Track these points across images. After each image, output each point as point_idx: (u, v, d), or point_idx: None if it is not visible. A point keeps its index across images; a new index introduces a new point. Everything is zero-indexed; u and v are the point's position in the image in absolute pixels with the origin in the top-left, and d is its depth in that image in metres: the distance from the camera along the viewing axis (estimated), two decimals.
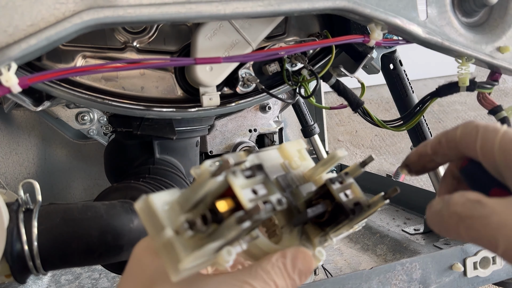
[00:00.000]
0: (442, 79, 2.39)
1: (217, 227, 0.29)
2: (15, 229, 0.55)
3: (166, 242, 0.29)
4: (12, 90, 0.48)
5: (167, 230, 0.29)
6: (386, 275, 0.75)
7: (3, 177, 1.30)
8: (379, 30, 0.63)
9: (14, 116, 1.31)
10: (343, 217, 0.35)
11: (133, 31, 0.71)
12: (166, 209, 0.30)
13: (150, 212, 0.30)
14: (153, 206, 0.30)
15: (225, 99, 0.76)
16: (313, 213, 0.34)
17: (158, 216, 0.30)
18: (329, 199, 0.36)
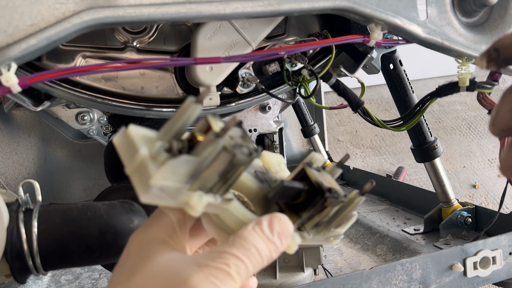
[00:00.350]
0: (442, 79, 2.39)
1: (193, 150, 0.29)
2: (15, 229, 0.55)
3: (139, 163, 0.27)
4: (12, 90, 0.48)
5: (142, 149, 0.27)
6: (386, 275, 0.75)
7: (3, 177, 1.30)
8: (379, 30, 0.63)
9: (14, 116, 1.31)
10: (319, 197, 0.34)
11: (133, 31, 0.71)
12: (143, 138, 0.29)
13: (128, 142, 0.29)
14: (130, 135, 0.28)
15: (225, 99, 0.76)
16: (289, 184, 0.34)
17: (135, 142, 0.28)
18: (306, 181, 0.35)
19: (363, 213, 1.25)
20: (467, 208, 1.03)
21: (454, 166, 2.42)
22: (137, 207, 0.69)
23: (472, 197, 2.21)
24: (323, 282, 0.71)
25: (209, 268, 0.28)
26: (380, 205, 1.32)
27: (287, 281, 0.87)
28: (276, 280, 0.86)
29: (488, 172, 2.41)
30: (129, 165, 0.28)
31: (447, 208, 1.04)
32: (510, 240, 0.84)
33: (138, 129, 0.29)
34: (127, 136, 0.29)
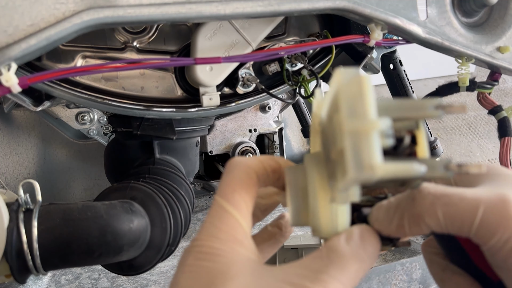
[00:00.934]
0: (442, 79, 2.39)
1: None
2: (15, 229, 0.55)
3: (364, 133, 0.23)
4: (12, 90, 0.48)
5: (373, 117, 0.23)
6: (386, 275, 0.75)
7: (3, 177, 1.30)
8: (379, 30, 0.63)
9: (14, 116, 1.31)
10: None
11: (133, 31, 0.71)
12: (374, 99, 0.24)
13: (356, 91, 0.24)
14: (365, 86, 0.24)
15: (225, 99, 0.76)
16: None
17: (366, 99, 0.24)
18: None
19: None
20: None
21: None
22: (137, 207, 0.69)
23: None
24: None
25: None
26: None
27: None
28: None
29: None
30: (349, 121, 0.24)
31: None
32: None
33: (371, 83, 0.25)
34: (359, 84, 0.24)
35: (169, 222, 0.72)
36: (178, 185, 0.80)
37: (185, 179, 0.85)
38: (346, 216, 0.31)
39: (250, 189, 0.31)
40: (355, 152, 0.24)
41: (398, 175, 0.24)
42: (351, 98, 0.24)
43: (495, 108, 0.76)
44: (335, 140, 0.27)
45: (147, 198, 0.71)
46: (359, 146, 0.24)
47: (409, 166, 0.24)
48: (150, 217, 0.70)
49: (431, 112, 0.26)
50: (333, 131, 0.28)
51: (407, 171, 0.24)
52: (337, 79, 0.26)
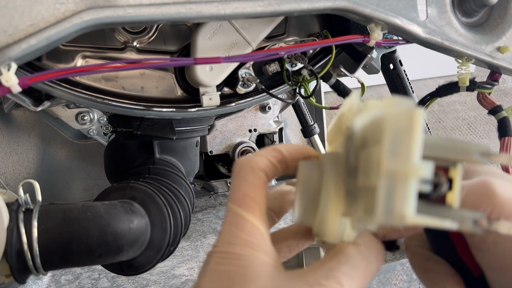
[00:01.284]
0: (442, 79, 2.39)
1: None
2: (15, 229, 0.55)
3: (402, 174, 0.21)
4: (12, 90, 0.48)
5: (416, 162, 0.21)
6: (386, 275, 0.75)
7: (3, 177, 1.30)
8: (379, 30, 0.63)
9: (14, 116, 1.31)
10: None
11: (133, 31, 0.71)
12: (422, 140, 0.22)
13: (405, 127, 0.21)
14: (416, 124, 0.21)
15: (225, 99, 0.76)
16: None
17: (414, 140, 0.21)
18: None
19: None
20: None
21: None
22: (137, 207, 0.69)
23: None
24: None
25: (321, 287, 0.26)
26: None
27: None
28: None
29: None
30: (389, 161, 0.22)
31: None
32: None
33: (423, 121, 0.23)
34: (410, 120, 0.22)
35: (169, 222, 0.72)
36: (178, 185, 0.80)
37: (185, 179, 0.85)
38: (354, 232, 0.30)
39: (260, 189, 0.31)
40: (387, 197, 0.22)
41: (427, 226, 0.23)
42: (398, 134, 0.22)
43: (495, 108, 0.76)
44: (368, 171, 0.25)
45: (147, 198, 0.71)
46: (393, 191, 0.22)
47: (441, 222, 0.23)
48: (150, 217, 0.70)
49: (475, 159, 0.25)
50: (367, 157, 0.26)
51: (437, 226, 0.23)
52: (388, 105, 0.24)
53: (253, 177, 0.31)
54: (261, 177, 0.31)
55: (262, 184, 0.31)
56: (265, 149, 0.33)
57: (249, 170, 0.31)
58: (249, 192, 0.31)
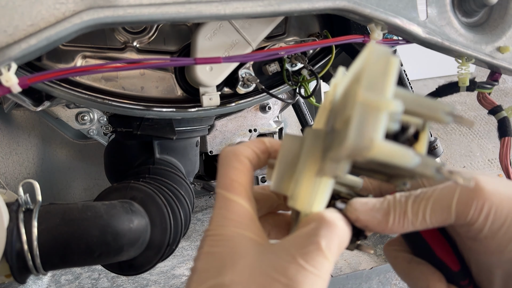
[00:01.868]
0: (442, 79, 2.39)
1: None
2: (15, 229, 0.55)
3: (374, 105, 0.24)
4: (12, 90, 0.48)
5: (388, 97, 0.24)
6: (386, 275, 0.75)
7: (3, 177, 1.30)
8: (379, 30, 0.63)
9: (14, 116, 1.31)
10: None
11: (133, 31, 0.71)
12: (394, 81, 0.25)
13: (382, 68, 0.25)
14: (391, 66, 0.25)
15: (225, 99, 0.76)
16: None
17: (389, 78, 0.24)
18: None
19: None
20: None
21: (454, 166, 2.42)
22: (137, 207, 0.69)
23: None
24: None
25: (303, 256, 0.28)
26: None
27: None
28: None
29: (488, 172, 2.41)
30: (366, 94, 0.24)
31: None
32: None
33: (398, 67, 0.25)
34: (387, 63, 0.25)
35: (169, 222, 0.72)
36: (178, 185, 0.80)
37: (185, 179, 0.85)
38: (325, 196, 0.31)
39: (245, 174, 0.33)
40: (360, 123, 0.24)
41: (392, 159, 0.25)
42: (375, 73, 0.25)
43: (495, 108, 0.76)
44: (345, 109, 0.27)
45: (147, 198, 0.71)
46: (366, 118, 0.24)
47: (406, 152, 0.25)
48: (150, 217, 0.70)
49: (441, 116, 0.27)
50: (346, 102, 0.28)
51: (402, 157, 0.25)
52: (367, 53, 0.26)
53: (238, 164, 0.33)
54: (245, 163, 0.33)
55: (247, 170, 0.33)
56: (249, 141, 0.35)
57: (234, 158, 0.33)
58: (235, 177, 0.33)
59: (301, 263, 0.28)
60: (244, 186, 0.33)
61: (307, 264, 0.28)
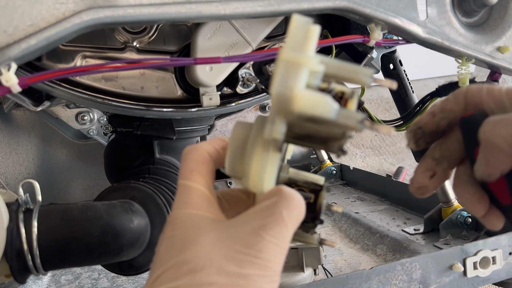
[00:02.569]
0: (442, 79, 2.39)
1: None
2: (15, 229, 0.55)
3: (296, 64, 0.27)
4: (12, 90, 0.48)
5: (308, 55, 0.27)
6: (386, 275, 0.75)
7: (3, 177, 1.30)
8: (379, 30, 0.63)
9: (14, 116, 1.31)
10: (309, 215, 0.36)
11: (133, 31, 0.71)
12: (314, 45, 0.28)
13: (304, 34, 0.28)
14: (311, 33, 0.28)
15: (225, 99, 0.76)
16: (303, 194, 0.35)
17: (309, 41, 0.28)
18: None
19: (363, 213, 1.25)
20: None
21: None
22: (137, 207, 0.69)
23: None
24: (323, 282, 0.71)
25: (264, 227, 0.29)
26: (380, 205, 1.32)
27: (287, 281, 0.87)
28: None
29: None
30: (288, 52, 0.27)
31: (447, 208, 1.04)
32: (510, 240, 0.84)
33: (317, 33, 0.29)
34: (307, 30, 0.28)
35: None
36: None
37: None
38: (274, 170, 0.33)
39: (204, 164, 0.35)
40: (283, 76, 0.27)
41: (314, 109, 0.27)
42: (297, 38, 0.28)
43: None
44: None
45: (147, 198, 0.71)
46: (288, 72, 0.27)
47: (324, 98, 0.27)
48: (150, 217, 0.70)
49: (362, 78, 0.30)
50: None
51: (321, 105, 0.27)
52: (291, 23, 0.29)
53: (197, 156, 0.35)
54: (204, 155, 0.35)
55: (206, 161, 0.35)
56: (212, 138, 0.37)
57: (194, 151, 0.35)
58: (194, 166, 0.35)
59: (261, 234, 0.29)
60: (202, 174, 0.34)
61: (267, 234, 0.29)
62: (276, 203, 0.31)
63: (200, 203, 0.33)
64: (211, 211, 0.33)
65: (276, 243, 0.29)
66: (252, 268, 0.28)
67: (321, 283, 0.71)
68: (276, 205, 0.31)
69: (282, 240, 0.30)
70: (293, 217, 0.31)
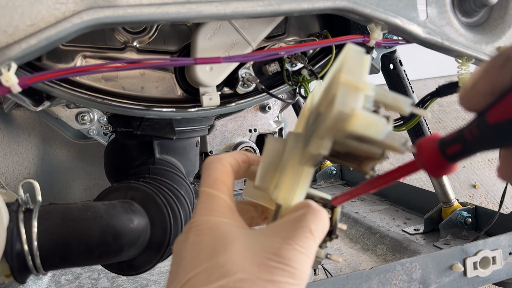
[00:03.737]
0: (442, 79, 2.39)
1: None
2: (15, 229, 0.55)
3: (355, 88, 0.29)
4: (12, 90, 0.48)
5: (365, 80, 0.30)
6: (386, 275, 0.75)
7: (3, 177, 1.30)
8: (379, 30, 0.63)
9: (14, 116, 1.31)
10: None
11: (133, 31, 0.71)
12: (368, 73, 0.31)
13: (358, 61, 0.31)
14: (366, 61, 0.31)
15: (225, 99, 0.76)
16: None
17: (364, 68, 0.31)
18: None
19: (363, 213, 1.25)
20: (467, 208, 1.03)
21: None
22: (137, 207, 0.69)
23: (472, 197, 2.20)
24: (323, 282, 0.71)
25: (295, 239, 0.31)
26: (380, 205, 1.32)
27: None
28: None
29: (488, 172, 2.40)
30: (347, 76, 0.30)
31: (447, 208, 1.04)
32: (510, 240, 0.84)
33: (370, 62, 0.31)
34: (362, 58, 0.31)
35: (169, 222, 0.72)
36: (178, 185, 0.80)
37: (185, 179, 0.85)
38: (306, 185, 0.35)
39: (227, 175, 0.36)
40: (343, 96, 0.29)
41: (368, 129, 0.29)
42: (353, 66, 0.30)
43: None
44: (328, 95, 0.32)
45: (147, 198, 0.71)
46: (347, 94, 0.29)
47: (379, 119, 0.29)
48: (150, 217, 0.70)
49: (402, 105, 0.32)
50: (328, 92, 0.33)
51: (376, 125, 0.29)
52: (345, 51, 0.31)
53: (221, 166, 0.36)
54: (227, 167, 0.37)
55: (229, 172, 0.37)
56: (233, 151, 0.39)
57: (218, 162, 0.37)
58: (218, 176, 0.36)
59: (291, 244, 0.30)
60: (226, 184, 0.36)
61: (297, 245, 0.30)
62: (304, 215, 0.32)
63: (225, 211, 0.34)
64: (235, 219, 0.34)
65: (305, 253, 0.31)
66: (283, 276, 0.29)
67: (321, 283, 0.71)
68: (305, 217, 0.32)
69: (309, 251, 0.31)
70: (319, 230, 0.32)
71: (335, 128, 0.29)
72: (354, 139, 0.31)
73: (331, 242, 0.37)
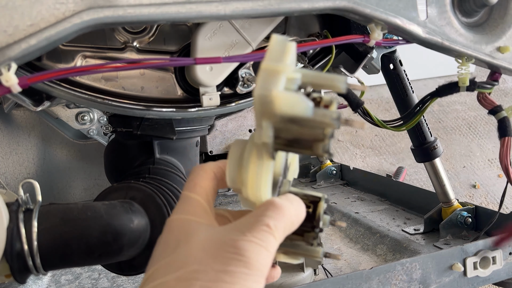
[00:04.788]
0: (442, 79, 2.39)
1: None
2: (15, 229, 0.55)
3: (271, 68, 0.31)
4: (12, 90, 0.48)
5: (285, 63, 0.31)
6: (386, 275, 0.75)
7: (3, 177, 1.30)
8: (379, 30, 0.63)
9: (14, 116, 1.31)
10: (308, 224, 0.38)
11: (133, 31, 0.71)
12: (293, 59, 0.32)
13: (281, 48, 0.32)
14: (288, 47, 0.32)
15: (225, 99, 0.76)
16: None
17: (286, 53, 0.32)
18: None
19: (363, 213, 1.25)
20: (467, 208, 1.03)
21: (454, 166, 2.42)
22: (137, 207, 0.69)
23: (472, 197, 2.20)
24: (323, 282, 0.71)
25: (251, 232, 0.32)
26: (380, 205, 1.32)
27: (287, 281, 0.87)
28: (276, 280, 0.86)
29: (488, 172, 2.41)
30: (268, 62, 0.31)
31: (447, 208, 1.04)
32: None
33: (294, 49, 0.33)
34: (285, 45, 0.32)
35: None
36: (178, 185, 0.80)
37: (185, 179, 0.85)
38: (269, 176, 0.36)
39: (208, 181, 0.39)
40: (263, 81, 0.30)
41: (293, 108, 0.30)
42: (276, 52, 0.32)
43: (495, 108, 0.76)
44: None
45: (147, 198, 0.71)
46: (268, 78, 0.31)
47: (300, 96, 0.30)
48: (150, 217, 0.70)
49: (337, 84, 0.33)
50: None
51: (298, 104, 0.30)
52: (270, 41, 0.33)
53: (203, 173, 0.39)
54: (209, 173, 0.39)
55: (211, 178, 0.39)
56: (220, 160, 0.41)
57: (201, 169, 0.39)
58: (198, 181, 0.38)
59: (248, 236, 0.31)
60: (204, 188, 0.38)
61: (253, 237, 0.31)
62: (265, 211, 0.33)
63: (197, 211, 0.36)
64: (206, 218, 0.36)
65: (261, 244, 0.31)
66: (237, 266, 0.30)
67: (321, 283, 0.71)
68: (265, 213, 0.33)
69: (267, 243, 0.32)
70: (279, 225, 0.33)
71: (264, 112, 0.31)
72: (291, 123, 0.32)
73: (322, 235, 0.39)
